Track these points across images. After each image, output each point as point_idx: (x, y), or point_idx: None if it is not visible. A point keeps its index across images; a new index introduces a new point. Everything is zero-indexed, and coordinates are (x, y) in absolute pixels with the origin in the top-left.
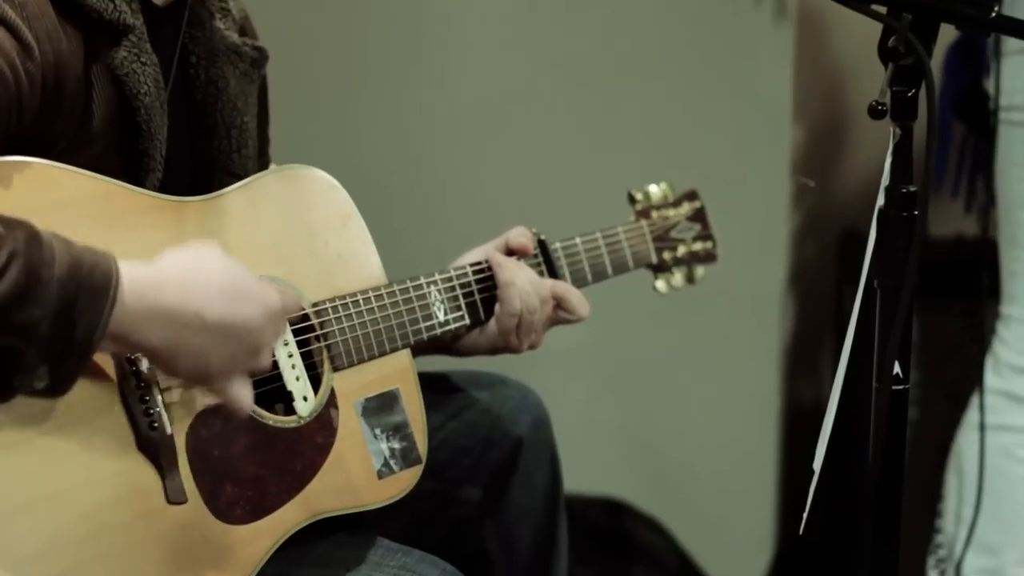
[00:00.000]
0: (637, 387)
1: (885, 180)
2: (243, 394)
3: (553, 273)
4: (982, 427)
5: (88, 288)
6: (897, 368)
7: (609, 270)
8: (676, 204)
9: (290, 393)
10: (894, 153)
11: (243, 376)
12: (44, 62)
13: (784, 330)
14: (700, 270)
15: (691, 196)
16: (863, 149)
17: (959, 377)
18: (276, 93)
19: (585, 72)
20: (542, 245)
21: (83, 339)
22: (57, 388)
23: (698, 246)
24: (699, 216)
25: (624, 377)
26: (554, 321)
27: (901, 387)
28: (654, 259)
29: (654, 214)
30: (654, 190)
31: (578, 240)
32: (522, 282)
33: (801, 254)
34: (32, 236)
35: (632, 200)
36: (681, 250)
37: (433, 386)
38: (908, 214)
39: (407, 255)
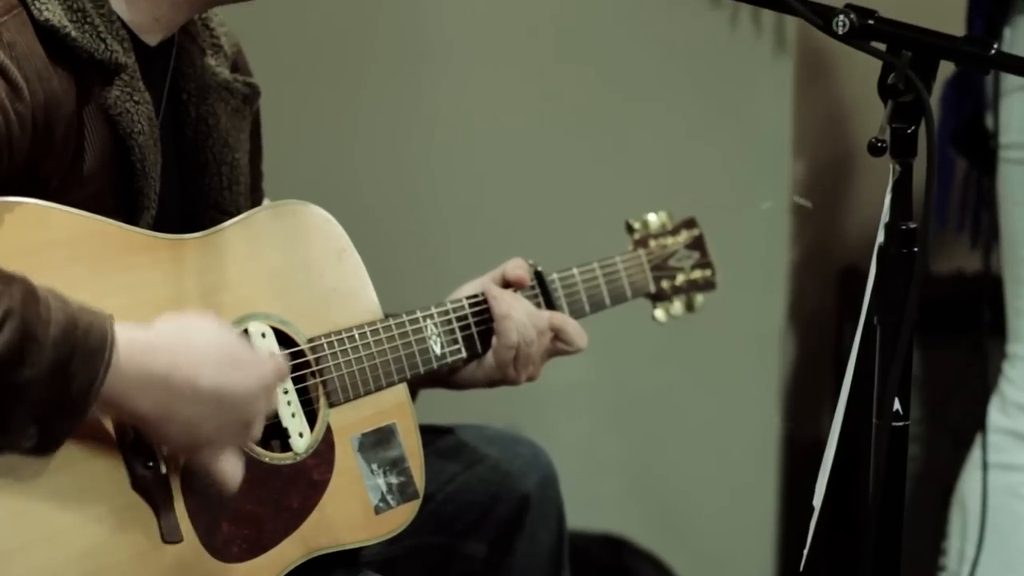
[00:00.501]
0: (637, 422)
1: (885, 217)
2: (232, 469)
3: (550, 304)
4: (985, 465)
5: (83, 350)
6: (897, 405)
7: (607, 300)
8: (674, 232)
9: (286, 429)
10: (894, 190)
11: (234, 450)
12: (34, 102)
13: (784, 366)
14: (700, 298)
15: (689, 224)
16: (864, 185)
17: (962, 414)
18: (273, 125)
19: (584, 103)
20: (539, 276)
21: (76, 401)
22: (45, 448)
23: (697, 274)
24: (698, 244)
25: (624, 412)
26: (552, 353)
27: (901, 424)
28: (652, 288)
29: (652, 243)
30: (652, 219)
31: (575, 271)
32: (518, 314)
33: (801, 290)
34: (29, 294)
35: (630, 229)
36: (680, 278)
37: (444, 437)
38: (908, 251)
39: (404, 288)
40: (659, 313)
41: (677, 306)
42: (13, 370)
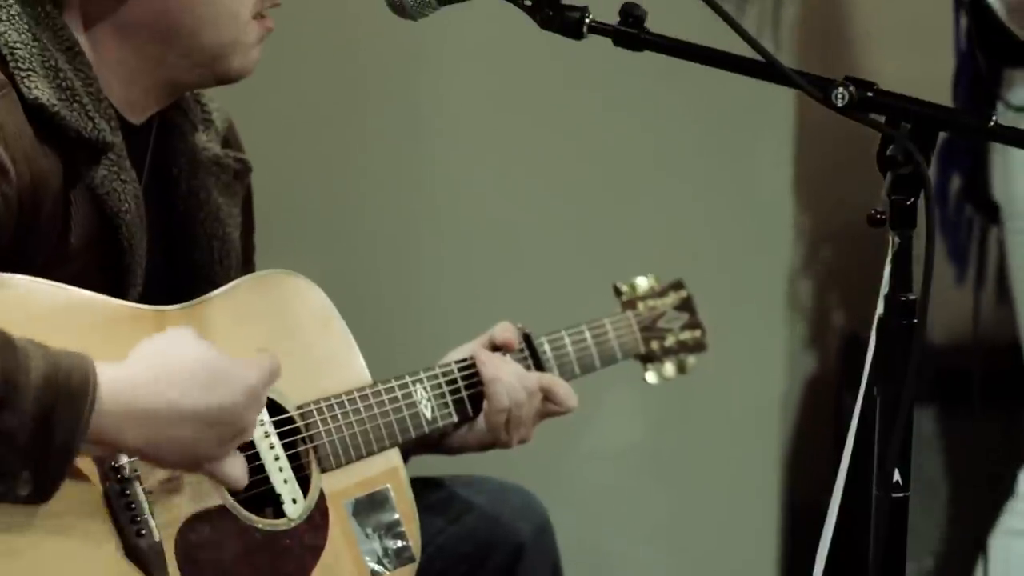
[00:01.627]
0: (638, 492)
1: (884, 288)
2: (236, 470)
3: (540, 367)
4: (1014, 532)
5: (66, 393)
6: (897, 476)
7: (597, 362)
8: (662, 294)
9: (279, 496)
10: (893, 261)
11: (232, 452)
12: (20, 184)
13: (785, 436)
14: (691, 360)
15: (677, 286)
16: (864, 255)
17: (992, 481)
18: (264, 191)
19: (580, 168)
20: (527, 339)
21: (63, 444)
22: (42, 493)
23: (687, 335)
24: (686, 305)
25: (625, 482)
26: (543, 414)
27: (901, 495)
28: (642, 349)
29: (640, 305)
30: (641, 281)
31: (564, 333)
32: (508, 377)
33: (802, 360)
34: (6, 343)
35: (618, 292)
36: (670, 340)
37: (431, 489)
38: (908, 322)
39: (394, 353)
40: (650, 375)
41: (669, 368)
42: None
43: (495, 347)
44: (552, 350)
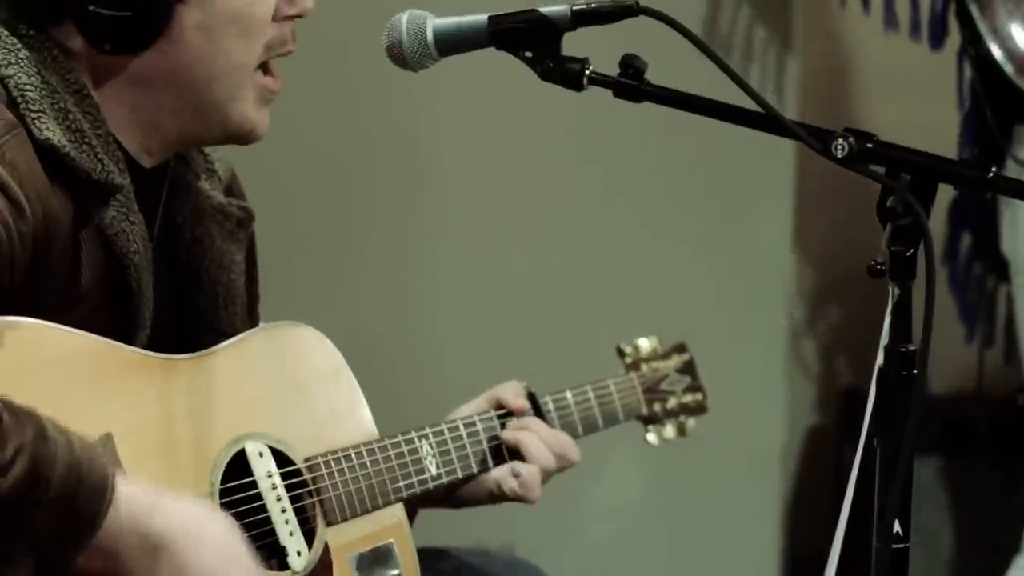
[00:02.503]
0: (639, 546)
1: (884, 339)
2: None
3: None
4: None
5: (87, 488)
6: (897, 527)
7: (600, 422)
8: (665, 356)
9: (284, 548)
10: (893, 312)
11: None
12: (35, 221)
13: (785, 487)
14: (691, 422)
15: (680, 349)
16: (864, 306)
17: (999, 536)
18: (272, 246)
19: (583, 227)
20: (532, 398)
21: (78, 535)
22: None
23: (688, 398)
24: (688, 368)
25: (627, 536)
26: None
27: (901, 546)
28: (644, 411)
29: (644, 367)
30: (643, 343)
31: (568, 393)
32: (542, 455)
33: (802, 411)
34: (40, 433)
35: (621, 354)
36: (672, 402)
37: (445, 559)
38: (907, 373)
39: (401, 408)
40: (651, 437)
41: (669, 430)
42: (19, 508)
43: (499, 406)
44: (556, 409)
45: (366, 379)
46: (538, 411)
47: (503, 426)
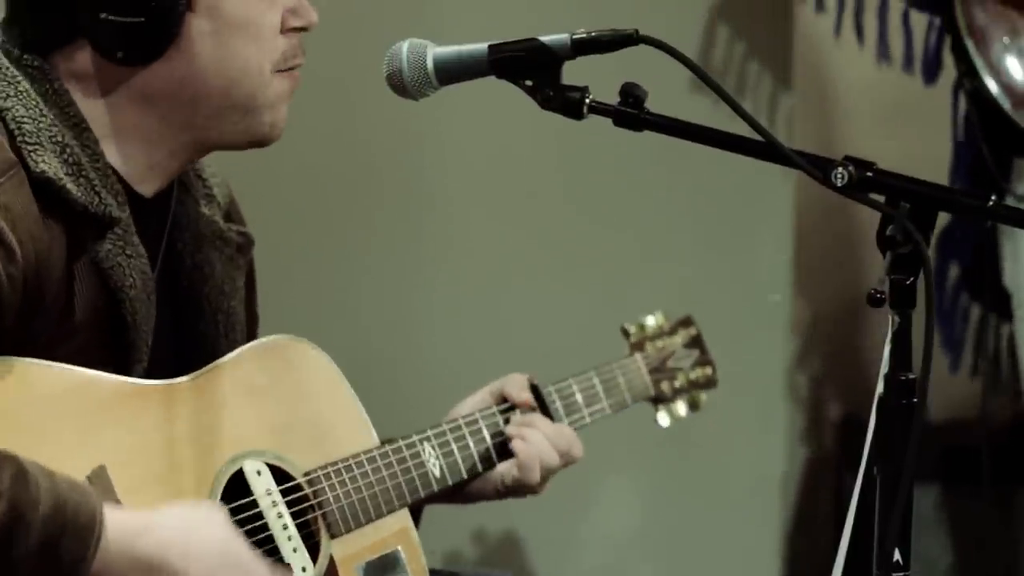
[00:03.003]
0: (638, 570)
1: (884, 367)
2: None
3: (548, 416)
4: None
5: (72, 530)
6: (897, 555)
7: (607, 408)
8: (671, 332)
9: (288, 565)
10: (893, 341)
11: None
12: (26, 264)
13: (785, 516)
14: (703, 396)
15: (686, 323)
16: (865, 333)
17: (997, 564)
18: (270, 259)
19: (582, 248)
20: (535, 389)
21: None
22: None
23: (697, 373)
24: (696, 342)
25: (626, 564)
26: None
27: (902, 574)
28: (652, 392)
29: (648, 346)
30: (649, 321)
31: (572, 381)
32: (544, 450)
33: (802, 440)
34: (19, 474)
35: (626, 334)
36: (680, 379)
37: None
38: (907, 401)
39: (402, 412)
40: (662, 416)
41: (680, 407)
42: (2, 551)
43: (503, 399)
44: (560, 399)
45: (365, 390)
46: (542, 403)
47: (507, 421)
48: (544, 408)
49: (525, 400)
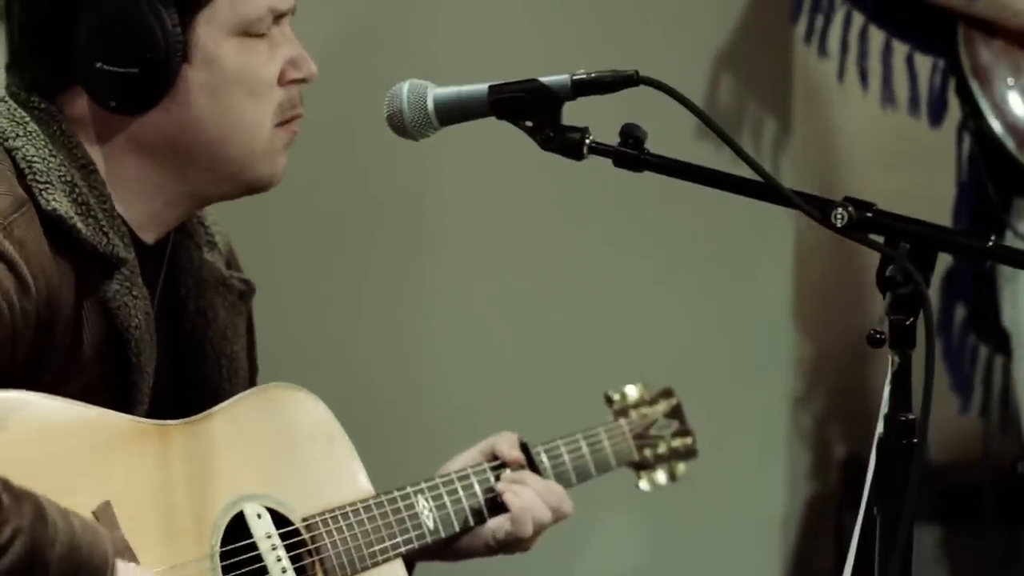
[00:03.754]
0: None
1: (884, 408)
2: None
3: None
4: None
5: (87, 571)
6: None
7: (593, 470)
8: (652, 402)
9: None
10: (893, 381)
11: None
12: (39, 298)
13: (785, 555)
14: (682, 467)
15: (667, 394)
16: (867, 372)
17: None
18: (269, 308)
19: (582, 283)
20: (524, 448)
21: None
22: None
23: (677, 442)
24: (676, 413)
25: None
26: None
27: None
28: (636, 457)
29: (632, 413)
30: (630, 390)
31: (560, 442)
32: (536, 506)
33: (803, 479)
34: (38, 514)
35: (609, 401)
36: (662, 447)
37: None
38: (907, 442)
39: (395, 463)
40: (643, 483)
41: (660, 475)
42: None
43: (495, 457)
44: (549, 459)
45: (360, 438)
46: (531, 462)
47: (497, 478)
48: (533, 467)
49: (515, 458)
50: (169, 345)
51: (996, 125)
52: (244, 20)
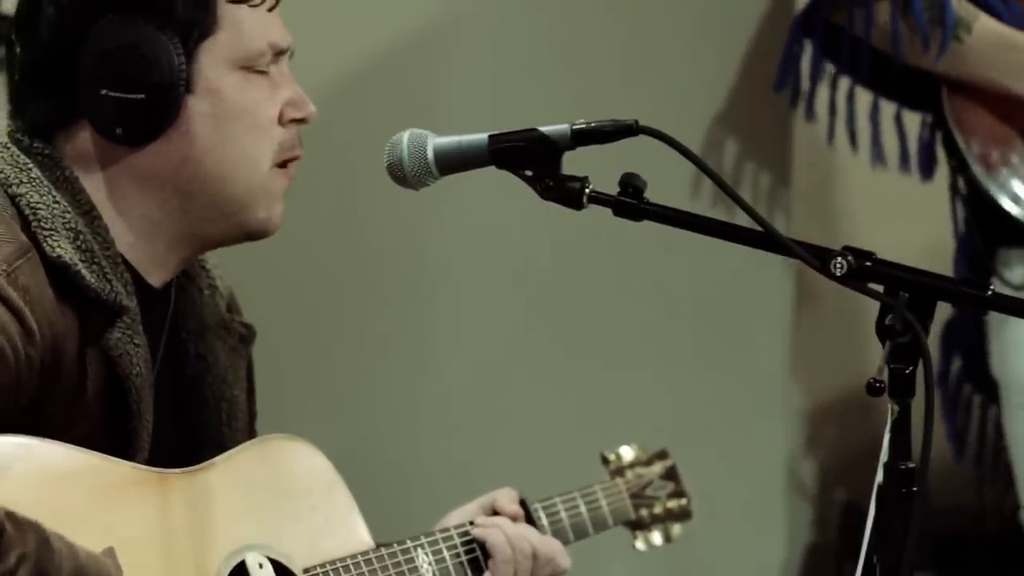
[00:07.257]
0: None
1: (884, 456)
2: None
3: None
4: None
5: None
6: None
7: (590, 528)
8: (648, 463)
9: None
10: (892, 430)
11: None
12: (44, 345)
13: None
14: (676, 528)
15: (662, 455)
16: (866, 420)
17: None
18: (268, 356)
19: (574, 340)
20: (523, 504)
21: None
22: None
23: (673, 503)
24: (671, 474)
25: None
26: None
27: None
28: (632, 516)
29: (628, 473)
30: (625, 451)
31: (558, 500)
32: (518, 555)
33: (802, 528)
34: (43, 541)
35: (605, 461)
36: (657, 508)
37: None
38: (907, 490)
39: (393, 517)
40: (639, 543)
41: (656, 536)
42: None
43: (495, 512)
44: (547, 516)
45: (360, 489)
46: (529, 518)
47: None
48: (531, 523)
49: (514, 512)
50: (170, 389)
51: (979, 170)
52: (245, 54)
